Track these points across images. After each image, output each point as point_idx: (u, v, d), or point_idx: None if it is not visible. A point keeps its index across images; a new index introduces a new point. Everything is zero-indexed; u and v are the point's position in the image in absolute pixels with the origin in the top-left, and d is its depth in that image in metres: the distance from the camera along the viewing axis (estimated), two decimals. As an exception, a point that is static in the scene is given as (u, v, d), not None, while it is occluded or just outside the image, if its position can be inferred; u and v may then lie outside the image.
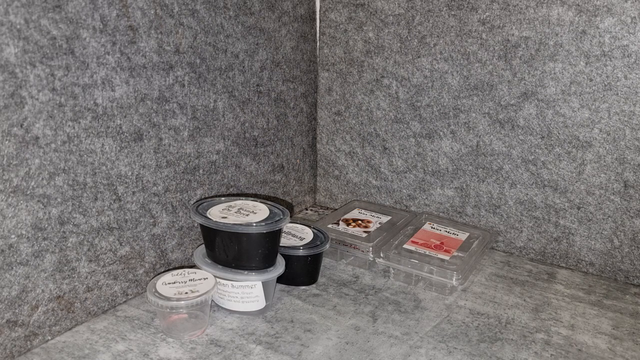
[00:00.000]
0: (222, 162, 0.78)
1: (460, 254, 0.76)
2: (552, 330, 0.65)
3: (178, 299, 0.58)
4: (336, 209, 0.95)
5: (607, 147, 0.75)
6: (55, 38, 0.53)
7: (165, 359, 0.57)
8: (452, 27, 0.82)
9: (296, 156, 0.96)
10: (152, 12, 0.63)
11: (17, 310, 0.54)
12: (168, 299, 0.58)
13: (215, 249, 0.65)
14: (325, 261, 0.81)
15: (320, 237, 0.76)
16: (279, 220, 0.65)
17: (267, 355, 0.58)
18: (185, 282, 0.62)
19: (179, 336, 0.61)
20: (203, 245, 0.69)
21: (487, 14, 0.78)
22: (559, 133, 0.77)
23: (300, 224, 0.79)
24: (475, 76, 0.82)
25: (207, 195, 0.76)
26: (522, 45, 0.77)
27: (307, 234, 0.76)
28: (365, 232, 0.83)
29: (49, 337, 0.58)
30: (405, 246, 0.77)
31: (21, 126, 0.51)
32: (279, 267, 0.67)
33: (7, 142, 0.51)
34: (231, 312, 0.66)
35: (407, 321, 0.66)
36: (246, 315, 0.66)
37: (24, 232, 0.53)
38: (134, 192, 0.65)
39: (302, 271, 0.73)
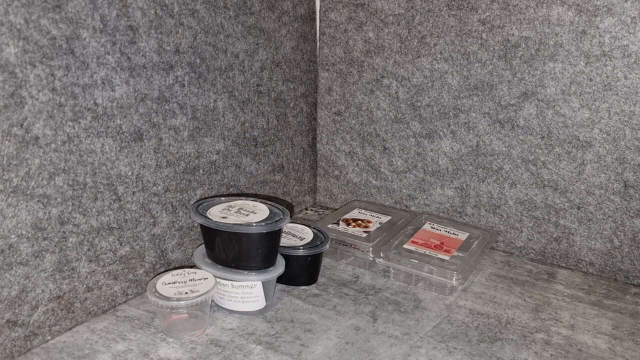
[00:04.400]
0: (222, 162, 0.78)
1: (460, 254, 0.76)
2: (552, 330, 0.65)
3: (178, 299, 0.58)
4: (336, 209, 0.95)
5: (607, 147, 0.75)
6: (55, 38, 0.53)
7: (165, 359, 0.57)
8: (452, 27, 0.82)
9: (296, 156, 0.96)
10: (152, 12, 0.63)
11: (17, 310, 0.54)
12: (168, 299, 0.58)
13: (215, 249, 0.65)
14: (325, 261, 0.81)
15: (320, 237, 0.76)
16: (279, 220, 0.65)
17: (267, 355, 0.58)
18: (185, 282, 0.62)
19: (179, 336, 0.61)
20: (203, 245, 0.69)
21: (487, 14, 0.78)
22: (559, 133, 0.77)
23: (300, 224, 0.79)
24: (475, 76, 0.82)
25: (207, 195, 0.76)
26: (522, 45, 0.77)
27: (307, 234, 0.76)
28: (365, 232, 0.83)
29: (49, 337, 0.58)
30: (405, 246, 0.77)
31: (21, 126, 0.51)
32: (279, 267, 0.67)
33: (7, 142, 0.51)
34: (231, 312, 0.66)
35: (407, 321, 0.66)
36: (246, 315, 0.66)
37: (24, 232, 0.53)
38: (134, 192, 0.65)
39: (302, 271, 0.73)
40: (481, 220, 0.87)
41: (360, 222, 0.86)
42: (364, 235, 0.82)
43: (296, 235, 0.75)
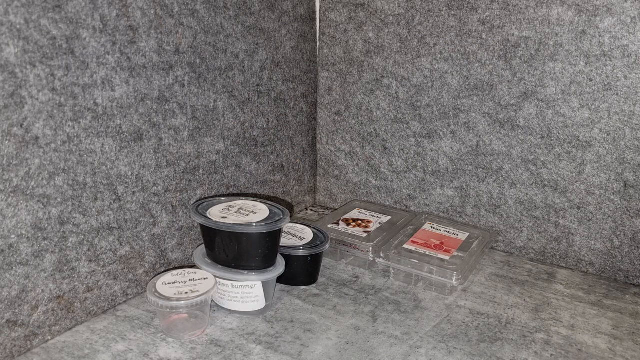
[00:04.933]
0: (222, 162, 0.78)
1: (460, 254, 0.76)
2: (552, 330, 0.65)
3: (178, 299, 0.58)
4: (336, 209, 0.95)
5: (607, 147, 0.75)
6: (55, 38, 0.53)
7: (165, 359, 0.57)
8: (452, 27, 0.82)
9: (296, 156, 0.96)
10: (152, 12, 0.63)
11: (17, 310, 0.54)
12: (168, 299, 0.58)
13: (215, 249, 0.65)
14: (325, 261, 0.81)
15: (320, 237, 0.76)
16: (279, 220, 0.65)
17: (267, 355, 0.58)
18: (185, 282, 0.62)
19: (179, 336, 0.61)
20: (203, 245, 0.69)
21: (487, 14, 0.79)
22: (559, 133, 0.78)
23: (300, 224, 0.79)
24: (475, 76, 0.82)
25: (207, 195, 0.76)
26: (522, 45, 0.77)
27: (307, 234, 0.76)
28: (365, 232, 0.83)
29: (49, 337, 0.59)
30: (405, 246, 0.78)
31: (21, 126, 0.52)
32: (279, 267, 0.67)
33: (7, 142, 0.51)
34: (231, 312, 0.66)
35: (407, 321, 0.66)
36: (246, 315, 0.66)
37: (24, 232, 0.54)
38: (134, 192, 0.65)
39: (302, 271, 0.73)
40: (481, 220, 0.88)
41: (360, 222, 0.86)
42: (364, 235, 0.82)
43: (296, 235, 0.76)
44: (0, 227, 0.52)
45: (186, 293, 0.60)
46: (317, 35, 0.95)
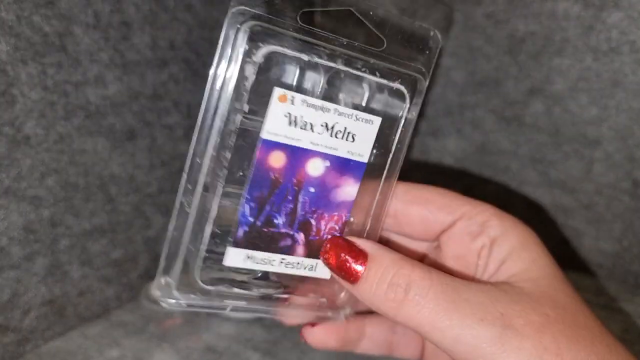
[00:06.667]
0: (218, 162, 0.80)
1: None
2: (559, 334, 0.67)
3: (174, 303, 0.60)
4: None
5: (616, 145, 0.77)
6: (48, 35, 0.55)
7: (161, 365, 0.58)
8: (456, 21, 0.84)
9: (294, 155, 0.98)
10: (147, 7, 0.65)
11: (9, 315, 0.56)
12: (163, 303, 0.60)
13: (212, 251, 0.67)
14: (325, 264, 0.83)
15: (319, 240, 0.77)
16: (277, 221, 0.66)
17: (266, 360, 0.60)
18: (181, 286, 0.63)
19: (174, 342, 0.62)
20: (198, 248, 0.71)
21: (491, 8, 0.80)
22: (566, 131, 0.79)
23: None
24: (480, 72, 0.83)
25: (202, 197, 0.78)
26: (528, 40, 0.79)
27: (306, 236, 0.78)
28: (366, 234, 0.84)
29: (41, 343, 0.60)
30: (407, 248, 0.79)
31: (12, 125, 0.53)
32: (278, 271, 0.69)
33: (-2, 141, 0.52)
34: (228, 317, 0.68)
35: (410, 325, 0.68)
36: (243, 321, 0.67)
37: (15, 234, 0.55)
38: (127, 193, 0.67)
39: (301, 275, 0.75)
40: (487, 221, 0.89)
41: (361, 223, 0.88)
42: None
43: (295, 238, 0.77)
44: (-8, 230, 0.53)
45: (182, 297, 0.61)
46: (316, 29, 0.97)
